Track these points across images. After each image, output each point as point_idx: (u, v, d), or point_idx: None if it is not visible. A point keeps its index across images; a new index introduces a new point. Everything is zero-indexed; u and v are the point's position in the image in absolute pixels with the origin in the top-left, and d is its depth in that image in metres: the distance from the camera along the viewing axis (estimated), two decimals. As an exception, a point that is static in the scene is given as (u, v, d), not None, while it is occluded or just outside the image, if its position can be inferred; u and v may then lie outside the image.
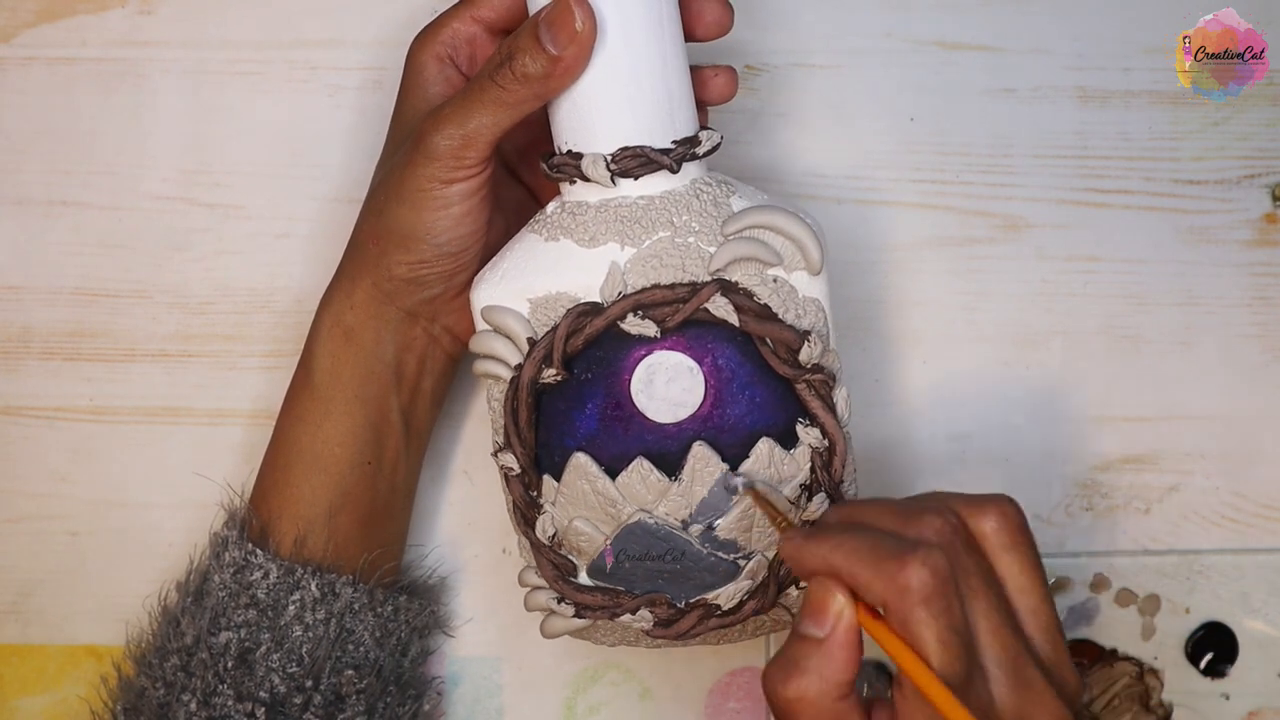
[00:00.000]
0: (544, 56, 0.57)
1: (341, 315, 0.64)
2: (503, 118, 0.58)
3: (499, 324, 0.60)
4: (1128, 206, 0.72)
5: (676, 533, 0.61)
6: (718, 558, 0.61)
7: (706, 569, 0.61)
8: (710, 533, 0.61)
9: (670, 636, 0.63)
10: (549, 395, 0.61)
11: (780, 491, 0.60)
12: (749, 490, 0.59)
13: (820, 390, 0.60)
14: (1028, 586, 0.52)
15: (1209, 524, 0.72)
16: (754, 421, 0.60)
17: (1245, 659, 0.71)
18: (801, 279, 0.59)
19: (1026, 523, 0.53)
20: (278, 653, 0.63)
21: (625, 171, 0.58)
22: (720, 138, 0.60)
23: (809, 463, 0.60)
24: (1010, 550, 0.52)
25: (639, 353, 0.60)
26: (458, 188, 0.60)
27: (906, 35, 0.73)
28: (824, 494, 0.61)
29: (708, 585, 0.62)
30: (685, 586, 0.62)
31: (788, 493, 0.61)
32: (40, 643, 0.73)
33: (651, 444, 0.60)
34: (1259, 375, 0.72)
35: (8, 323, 0.73)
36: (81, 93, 0.73)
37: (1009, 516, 0.53)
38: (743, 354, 0.60)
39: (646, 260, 0.59)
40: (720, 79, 0.63)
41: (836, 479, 0.61)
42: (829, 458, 0.60)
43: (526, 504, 0.62)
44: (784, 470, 0.60)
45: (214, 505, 0.67)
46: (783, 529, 0.57)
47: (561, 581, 0.63)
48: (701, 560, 0.61)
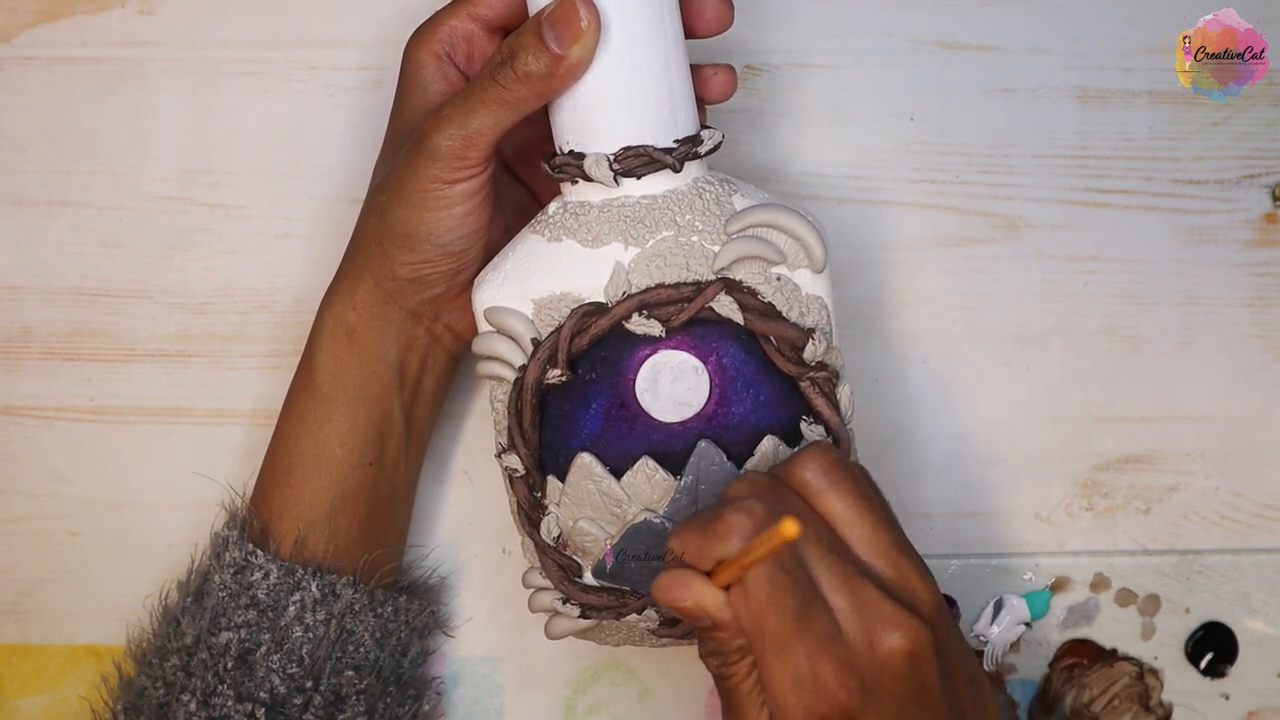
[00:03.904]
0: (547, 55, 0.56)
1: (344, 315, 0.64)
2: (504, 117, 0.58)
3: (502, 325, 0.60)
4: (1128, 206, 0.73)
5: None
6: None
7: None
8: None
9: (675, 635, 0.63)
10: (553, 396, 0.61)
11: None
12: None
13: (824, 388, 0.60)
14: (854, 519, 0.53)
15: (1209, 524, 0.72)
16: (759, 420, 0.60)
17: (1245, 659, 0.71)
18: (805, 277, 0.59)
19: (843, 461, 0.54)
20: (278, 653, 0.63)
21: (628, 171, 0.58)
22: (722, 136, 0.60)
23: None
24: (829, 489, 0.53)
25: (643, 352, 0.60)
26: (460, 187, 0.60)
27: (906, 35, 0.73)
28: None
29: None
30: None
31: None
32: (40, 643, 0.73)
33: (656, 443, 0.60)
34: (1259, 375, 0.72)
35: (8, 323, 0.73)
36: (81, 93, 0.73)
37: (820, 459, 0.54)
38: (747, 352, 0.60)
39: (650, 260, 0.59)
40: (720, 77, 0.63)
41: None
42: None
43: (531, 505, 0.62)
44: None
45: (214, 505, 0.67)
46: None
47: (567, 582, 0.63)
48: None
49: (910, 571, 0.53)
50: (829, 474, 0.53)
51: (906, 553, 0.54)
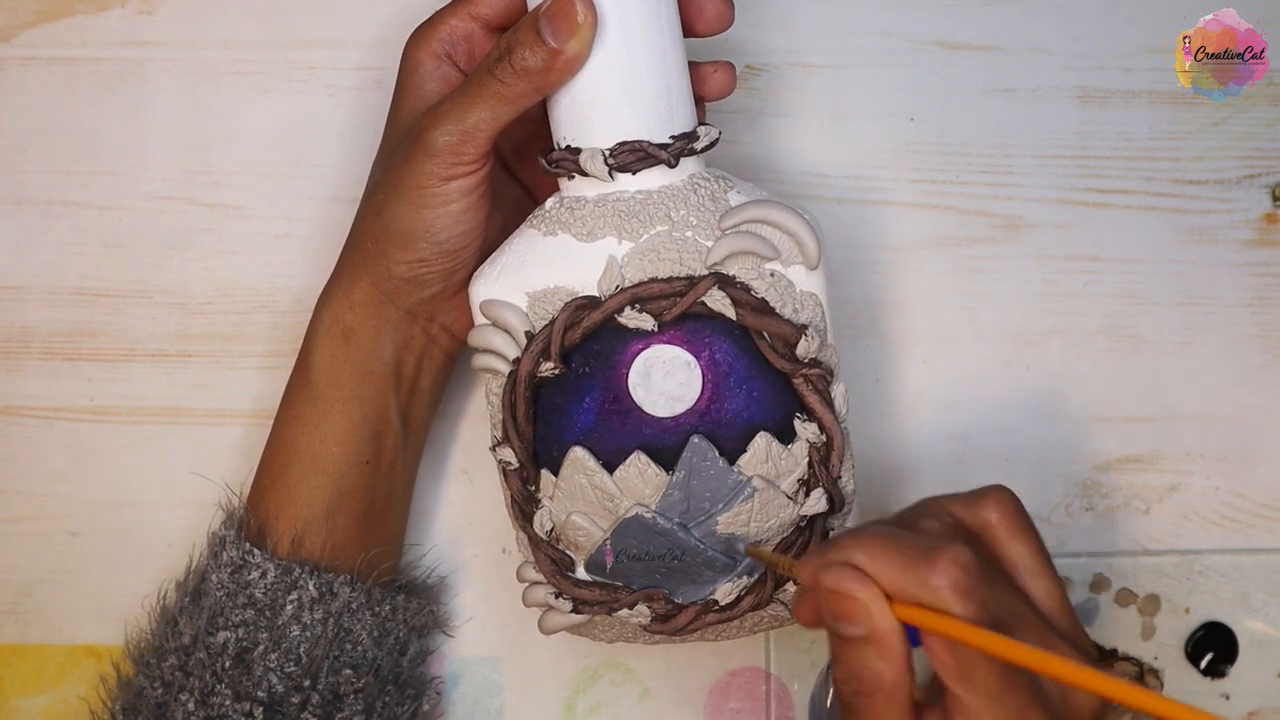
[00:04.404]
0: (544, 50, 0.57)
1: (340, 314, 0.64)
2: (502, 113, 0.58)
3: (497, 318, 0.60)
4: (1128, 206, 0.72)
5: (673, 528, 0.61)
6: (715, 553, 0.61)
7: (704, 564, 0.61)
8: (707, 528, 0.61)
9: (668, 631, 0.63)
10: (547, 389, 0.61)
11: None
12: (751, 550, 0.60)
13: (818, 385, 0.60)
14: (1037, 568, 0.54)
15: (1209, 524, 0.72)
16: (751, 416, 0.60)
17: (1245, 659, 0.71)
18: (799, 273, 0.59)
19: (1024, 507, 0.54)
20: (275, 652, 0.63)
21: (623, 166, 0.58)
22: (719, 133, 0.60)
23: (806, 458, 0.60)
24: (1016, 537, 0.54)
25: (636, 346, 0.60)
26: (457, 184, 0.60)
27: (906, 35, 0.73)
28: (822, 489, 0.61)
29: (705, 580, 0.62)
30: (682, 582, 0.62)
31: (785, 487, 0.61)
32: (40, 643, 0.73)
33: (649, 438, 0.60)
34: (1259, 375, 0.72)
35: (8, 323, 0.73)
36: (81, 93, 0.73)
37: (1008, 505, 0.54)
38: (740, 348, 0.60)
39: (644, 254, 0.59)
40: (719, 75, 0.63)
41: (834, 474, 0.61)
42: (827, 453, 0.60)
43: (524, 498, 0.62)
44: (781, 465, 0.60)
45: (213, 505, 0.67)
46: (790, 568, 0.57)
47: (559, 576, 0.63)
48: (699, 555, 0.61)
49: (1078, 623, 0.54)
50: (1015, 520, 0.54)
51: (1071, 606, 0.54)
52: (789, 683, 0.72)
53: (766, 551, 0.60)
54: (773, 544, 0.62)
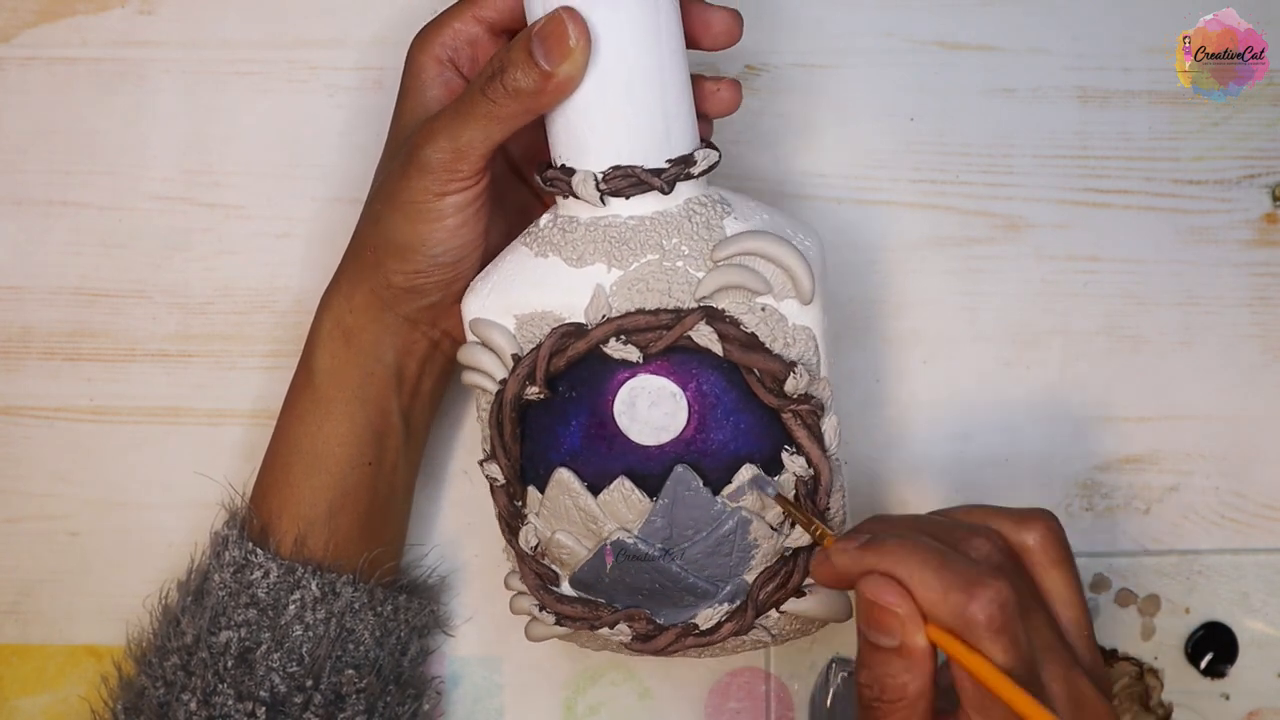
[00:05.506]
0: (536, 72, 0.55)
1: (341, 317, 0.64)
2: (494, 132, 0.58)
3: (485, 338, 0.60)
4: (1128, 206, 0.72)
5: (654, 554, 0.60)
6: (695, 580, 0.61)
7: (685, 590, 0.61)
8: (689, 555, 0.60)
9: (648, 651, 0.62)
10: (535, 409, 0.60)
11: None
12: (779, 499, 0.59)
13: (807, 419, 0.59)
14: (1071, 600, 0.54)
15: (1209, 524, 0.72)
16: (738, 448, 0.59)
17: (1245, 659, 0.71)
18: (792, 307, 0.58)
19: (1065, 536, 0.54)
20: (278, 652, 0.63)
21: (615, 191, 0.57)
22: (718, 156, 0.59)
23: (793, 491, 0.59)
24: (1055, 566, 0.54)
25: (622, 375, 0.59)
26: (451, 200, 0.59)
27: (906, 35, 0.73)
28: None
29: (686, 605, 0.62)
30: (665, 604, 0.62)
31: (770, 520, 0.60)
32: (40, 643, 0.73)
33: (634, 464, 0.59)
34: (1259, 375, 0.72)
35: (8, 323, 0.73)
36: (81, 93, 0.73)
37: (1053, 532, 0.54)
38: (728, 381, 0.58)
39: (632, 284, 0.58)
40: (723, 92, 0.62)
41: (821, 507, 0.59)
42: (814, 487, 0.59)
43: (511, 514, 0.62)
44: (767, 497, 0.59)
45: (214, 505, 0.67)
46: (819, 536, 0.57)
47: (543, 591, 0.62)
48: (679, 581, 0.61)
49: (1099, 657, 0.54)
50: (1057, 549, 0.54)
51: (1095, 640, 0.54)
52: (789, 683, 0.72)
53: (799, 509, 0.58)
54: (755, 573, 0.61)
